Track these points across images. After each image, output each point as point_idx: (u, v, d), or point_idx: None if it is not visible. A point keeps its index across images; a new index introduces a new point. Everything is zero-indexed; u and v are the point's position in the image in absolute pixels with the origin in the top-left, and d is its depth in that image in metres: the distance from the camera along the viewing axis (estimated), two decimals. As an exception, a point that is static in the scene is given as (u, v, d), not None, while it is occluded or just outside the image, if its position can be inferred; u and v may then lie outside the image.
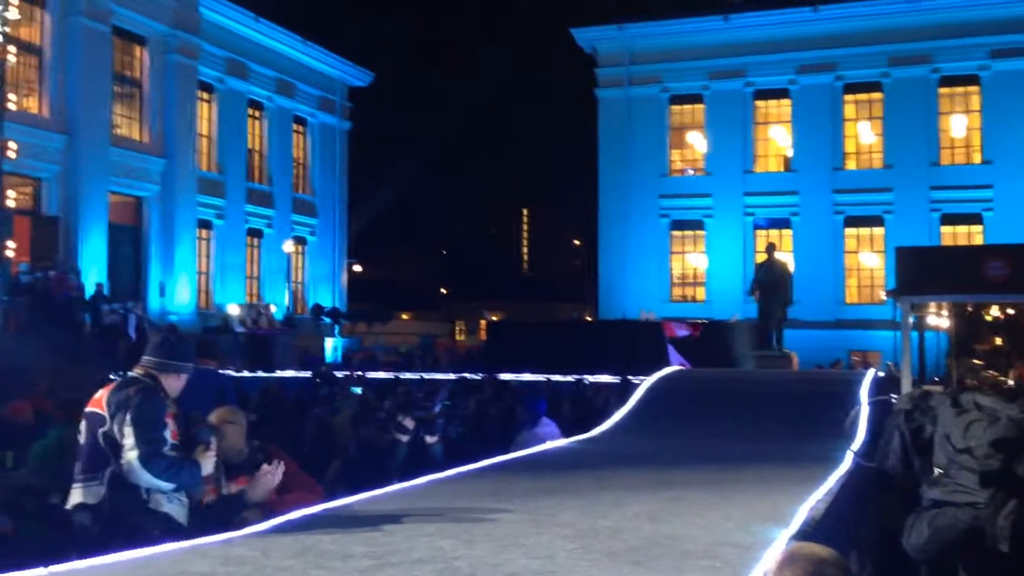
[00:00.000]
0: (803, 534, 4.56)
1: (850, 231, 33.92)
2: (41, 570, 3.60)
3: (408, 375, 18.66)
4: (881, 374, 13.73)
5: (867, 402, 8.86)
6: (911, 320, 14.08)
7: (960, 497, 4.41)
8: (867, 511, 6.16)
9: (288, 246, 32.58)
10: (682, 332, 17.92)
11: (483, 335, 49.87)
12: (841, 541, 4.94)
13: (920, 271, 13.02)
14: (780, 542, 4.37)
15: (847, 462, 6.70)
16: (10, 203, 20.62)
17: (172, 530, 4.44)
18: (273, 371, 20.28)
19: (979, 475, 4.38)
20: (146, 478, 4.38)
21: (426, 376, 18.13)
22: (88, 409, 4.59)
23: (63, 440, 6.11)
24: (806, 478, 6.23)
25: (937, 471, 4.62)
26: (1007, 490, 4.31)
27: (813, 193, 33.65)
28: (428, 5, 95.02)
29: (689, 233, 35.83)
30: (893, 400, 6.52)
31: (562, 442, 8.89)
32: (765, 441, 8.71)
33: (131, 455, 4.36)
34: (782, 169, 35.04)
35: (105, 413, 4.48)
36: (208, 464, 4.67)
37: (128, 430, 4.39)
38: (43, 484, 5.69)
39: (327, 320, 32.02)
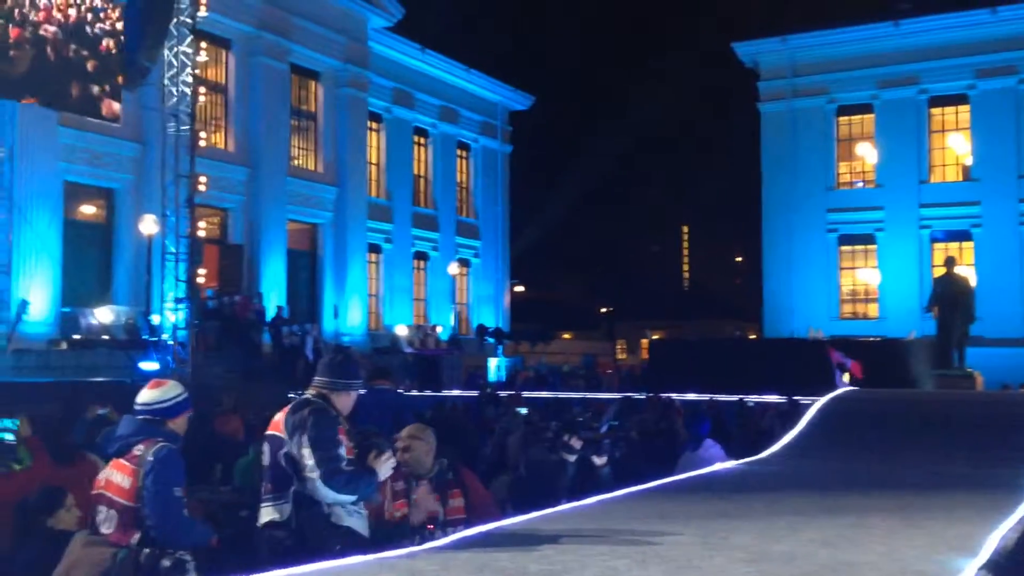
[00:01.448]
0: (994, 565, 4.35)
1: (1039, 242, 31.81)
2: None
3: (570, 394, 18.77)
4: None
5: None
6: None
7: None
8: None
9: (453, 268, 33.41)
10: (847, 365, 17.28)
11: (645, 354, 49.55)
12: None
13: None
14: (968, 573, 4.19)
15: (1042, 490, 6.32)
16: (200, 233, 22.07)
17: (354, 543, 4.64)
18: (440, 390, 20.85)
19: None
20: (329, 495, 4.59)
21: (589, 396, 18.20)
22: (269, 432, 4.83)
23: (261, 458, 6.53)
24: (996, 506, 5.93)
25: None
26: None
27: (996, 203, 31.77)
28: (587, 26, 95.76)
29: (859, 248, 34.50)
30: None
31: (730, 464, 8.76)
32: (949, 466, 8.31)
33: (313, 475, 4.57)
34: (961, 178, 33.27)
35: (284, 435, 4.70)
36: (384, 469, 4.79)
37: (307, 451, 4.60)
38: (243, 500, 6.03)
39: (491, 340, 32.59)
